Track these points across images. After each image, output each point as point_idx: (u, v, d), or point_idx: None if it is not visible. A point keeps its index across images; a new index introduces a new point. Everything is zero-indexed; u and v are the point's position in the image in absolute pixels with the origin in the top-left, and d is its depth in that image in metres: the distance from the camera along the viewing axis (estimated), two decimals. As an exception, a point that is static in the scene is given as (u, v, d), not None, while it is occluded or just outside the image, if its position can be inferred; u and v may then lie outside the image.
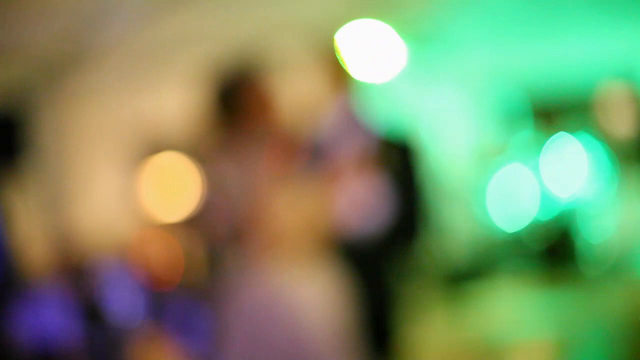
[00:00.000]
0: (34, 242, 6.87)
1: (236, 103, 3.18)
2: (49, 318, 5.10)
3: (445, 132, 7.71)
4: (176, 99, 8.21)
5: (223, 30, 7.70)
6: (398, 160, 2.85)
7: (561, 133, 8.01)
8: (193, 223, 8.19)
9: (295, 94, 3.67)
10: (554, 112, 8.26)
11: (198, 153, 8.40)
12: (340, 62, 2.93)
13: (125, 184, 8.17)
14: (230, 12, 7.27)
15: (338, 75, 2.90)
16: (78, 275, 6.55)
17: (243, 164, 3.16)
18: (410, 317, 2.97)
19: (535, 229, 7.64)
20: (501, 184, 7.80)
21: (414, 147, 2.90)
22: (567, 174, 7.74)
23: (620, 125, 7.89)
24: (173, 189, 8.18)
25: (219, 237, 7.95)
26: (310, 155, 3.04)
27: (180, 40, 7.92)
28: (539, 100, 8.21)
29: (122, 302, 6.14)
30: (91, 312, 5.67)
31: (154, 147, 8.36)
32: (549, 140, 7.91)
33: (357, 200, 2.83)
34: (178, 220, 7.92)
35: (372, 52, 6.65)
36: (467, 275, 7.39)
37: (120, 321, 5.79)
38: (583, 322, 5.96)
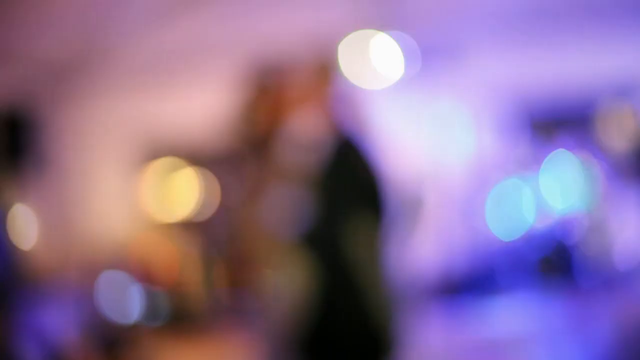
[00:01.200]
0: (37, 242, 6.93)
1: (256, 115, 3.26)
2: (51, 318, 5.13)
3: (446, 142, 7.75)
4: (180, 104, 8.29)
5: (230, 38, 7.79)
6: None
7: (560, 146, 8.05)
8: (192, 226, 8.28)
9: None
10: (553, 126, 8.30)
11: (201, 159, 8.52)
12: (330, 70, 2.94)
13: (128, 185, 8.23)
14: (238, 20, 7.34)
15: (323, 83, 2.92)
16: (81, 275, 6.61)
17: (244, 175, 3.22)
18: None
19: (532, 240, 7.65)
20: (500, 195, 7.83)
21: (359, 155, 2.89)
22: (565, 187, 7.77)
23: (620, 140, 7.95)
24: (173, 192, 8.25)
25: (218, 241, 8.04)
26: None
27: (186, 46, 7.99)
28: (538, 114, 8.25)
29: (122, 301, 6.18)
30: (93, 312, 5.71)
31: (156, 152, 8.42)
32: (548, 153, 7.94)
33: (274, 208, 2.91)
34: (177, 222, 7.99)
35: (374, 61, 6.74)
36: (465, 286, 7.41)
37: (120, 320, 5.82)
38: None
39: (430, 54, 7.53)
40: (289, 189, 2.82)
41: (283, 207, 2.82)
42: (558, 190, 7.77)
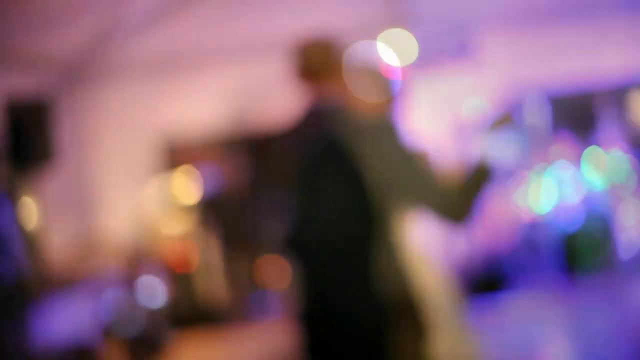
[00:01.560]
0: (53, 244, 6.99)
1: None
2: (67, 312, 5.15)
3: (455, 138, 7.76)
4: (194, 108, 8.35)
5: (239, 35, 7.83)
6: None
7: (573, 139, 8.06)
8: (207, 216, 8.36)
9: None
10: (562, 121, 8.33)
11: (213, 149, 8.60)
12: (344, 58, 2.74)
13: (141, 176, 8.29)
14: (247, 16, 7.38)
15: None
16: (97, 267, 6.66)
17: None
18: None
19: (556, 233, 7.64)
20: (513, 188, 7.82)
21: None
22: (577, 180, 7.78)
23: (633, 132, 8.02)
24: (184, 183, 8.34)
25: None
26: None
27: (197, 41, 8.03)
28: (549, 108, 8.26)
29: (139, 293, 6.21)
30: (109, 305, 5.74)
31: (168, 143, 8.49)
32: (561, 146, 7.94)
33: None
34: (191, 212, 8.06)
35: (386, 58, 6.75)
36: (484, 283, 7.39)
37: (137, 312, 5.84)
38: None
39: (441, 50, 7.57)
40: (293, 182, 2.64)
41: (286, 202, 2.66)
42: (569, 183, 7.79)
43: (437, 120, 7.50)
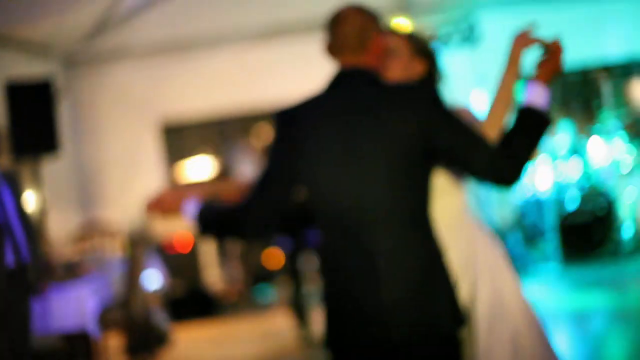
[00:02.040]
0: (55, 229, 6.98)
1: None
2: (69, 305, 5.15)
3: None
4: (200, 100, 8.32)
5: (240, 26, 7.81)
6: None
7: (584, 121, 8.05)
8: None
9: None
10: (577, 101, 8.31)
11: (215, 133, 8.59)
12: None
13: (143, 159, 8.28)
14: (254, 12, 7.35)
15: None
16: (98, 251, 6.67)
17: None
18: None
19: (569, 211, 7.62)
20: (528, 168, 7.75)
21: None
22: (590, 161, 7.76)
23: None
24: (187, 166, 8.36)
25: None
26: None
27: (200, 34, 8.01)
28: (561, 90, 8.24)
29: (148, 277, 6.20)
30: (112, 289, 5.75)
31: (170, 125, 8.49)
32: (571, 129, 7.92)
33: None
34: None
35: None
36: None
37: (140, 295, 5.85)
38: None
39: (444, 38, 7.55)
40: None
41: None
42: (571, 162, 7.77)
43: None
